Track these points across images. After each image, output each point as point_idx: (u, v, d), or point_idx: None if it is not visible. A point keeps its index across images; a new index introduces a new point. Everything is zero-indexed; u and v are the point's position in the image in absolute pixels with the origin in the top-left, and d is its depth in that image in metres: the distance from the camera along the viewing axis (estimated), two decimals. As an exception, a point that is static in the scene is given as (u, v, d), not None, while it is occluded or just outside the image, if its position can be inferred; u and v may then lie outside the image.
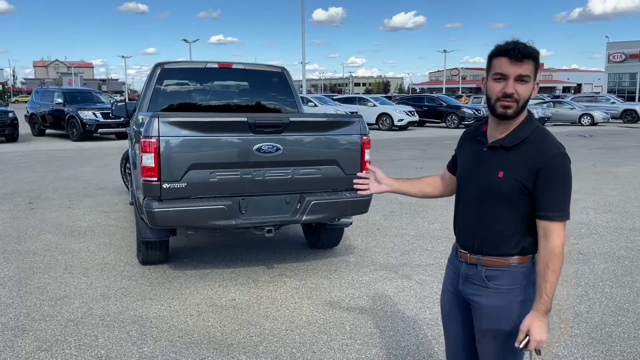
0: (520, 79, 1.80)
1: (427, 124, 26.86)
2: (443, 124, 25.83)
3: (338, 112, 22.58)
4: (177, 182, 4.11)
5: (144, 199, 4.15)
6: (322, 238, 5.44)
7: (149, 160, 4.04)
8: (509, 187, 1.83)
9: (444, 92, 65.33)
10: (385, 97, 32.59)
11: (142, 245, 4.79)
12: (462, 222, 2.04)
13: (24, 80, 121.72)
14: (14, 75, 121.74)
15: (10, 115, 17.43)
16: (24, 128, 19.53)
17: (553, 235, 1.80)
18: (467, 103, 30.66)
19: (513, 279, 1.90)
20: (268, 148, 4.28)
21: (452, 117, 25.46)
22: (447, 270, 2.15)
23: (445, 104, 26.29)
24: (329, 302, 4.21)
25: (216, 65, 5.84)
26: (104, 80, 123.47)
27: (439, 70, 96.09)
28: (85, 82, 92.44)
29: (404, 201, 7.88)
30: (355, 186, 2.28)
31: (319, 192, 4.53)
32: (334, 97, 28.69)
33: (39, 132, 20.03)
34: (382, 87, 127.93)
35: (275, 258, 5.29)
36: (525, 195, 1.83)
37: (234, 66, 5.91)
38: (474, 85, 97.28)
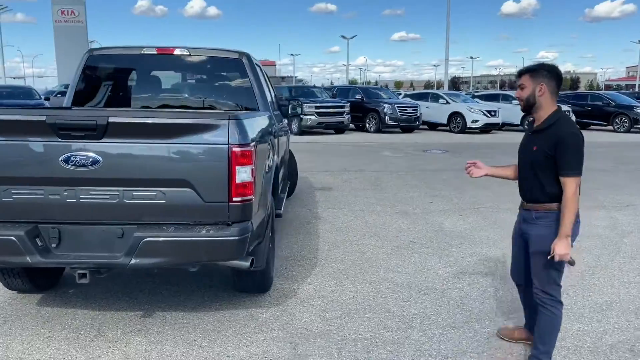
0: (519, 87, 2.94)
1: (591, 127, 22.69)
2: (610, 127, 21.53)
3: (471, 110, 20.04)
4: (-41, 201, 3.09)
5: None
6: (236, 280, 4.02)
7: None
8: (540, 156, 2.84)
9: (637, 89, 56.25)
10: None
11: (-5, 270, 3.89)
12: (520, 183, 3.06)
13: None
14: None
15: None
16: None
17: (567, 186, 2.76)
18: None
19: (552, 218, 2.88)
20: (80, 159, 3.03)
21: (621, 118, 21.08)
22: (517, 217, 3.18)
23: (614, 103, 21.83)
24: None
25: (154, 51, 4.72)
26: (283, 78, 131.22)
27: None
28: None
29: (449, 229, 5.96)
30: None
31: (165, 225, 3.16)
32: (475, 94, 25.73)
33: None
34: (569, 83, 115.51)
35: (174, 301, 4.00)
36: (550, 160, 2.79)
37: (176, 52, 4.72)
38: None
